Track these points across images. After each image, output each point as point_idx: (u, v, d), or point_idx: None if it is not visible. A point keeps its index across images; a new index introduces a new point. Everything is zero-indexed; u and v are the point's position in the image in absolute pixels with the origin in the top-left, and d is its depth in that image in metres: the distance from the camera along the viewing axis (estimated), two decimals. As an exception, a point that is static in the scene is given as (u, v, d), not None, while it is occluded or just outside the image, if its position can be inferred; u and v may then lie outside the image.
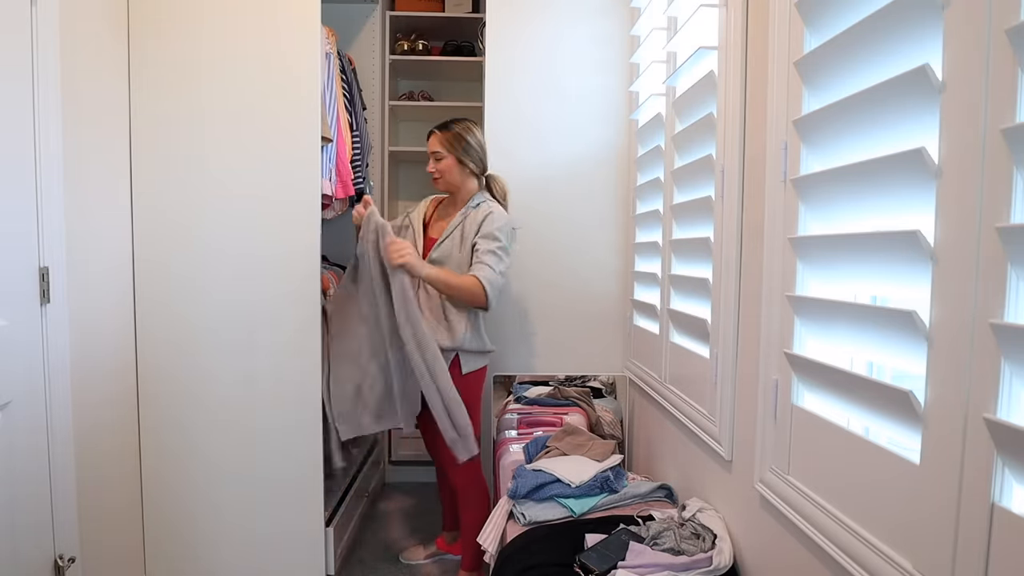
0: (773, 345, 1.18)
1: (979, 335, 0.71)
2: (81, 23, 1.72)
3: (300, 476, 2.06)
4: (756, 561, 1.28)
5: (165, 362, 2.02)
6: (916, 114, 0.82)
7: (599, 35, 2.26)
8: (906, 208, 0.86)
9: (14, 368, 1.43)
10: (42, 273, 1.52)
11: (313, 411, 2.05)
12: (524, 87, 2.27)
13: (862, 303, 0.98)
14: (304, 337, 2.04)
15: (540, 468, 1.76)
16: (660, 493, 1.73)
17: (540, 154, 2.29)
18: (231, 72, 1.97)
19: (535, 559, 1.44)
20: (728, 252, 1.39)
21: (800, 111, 1.10)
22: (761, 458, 1.22)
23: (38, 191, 1.50)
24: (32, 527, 1.49)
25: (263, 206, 2.01)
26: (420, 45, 3.18)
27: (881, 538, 0.88)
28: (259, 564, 2.09)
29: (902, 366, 0.89)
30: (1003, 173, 0.68)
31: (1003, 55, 0.68)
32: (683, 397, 1.69)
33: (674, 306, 1.75)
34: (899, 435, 0.86)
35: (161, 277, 2.01)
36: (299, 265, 2.01)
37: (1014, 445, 0.66)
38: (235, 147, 1.99)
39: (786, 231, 1.14)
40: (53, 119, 1.54)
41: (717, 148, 1.46)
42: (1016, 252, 0.66)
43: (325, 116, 2.13)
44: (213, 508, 2.07)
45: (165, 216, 2.00)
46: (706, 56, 1.52)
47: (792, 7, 1.11)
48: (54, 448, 1.55)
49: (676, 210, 1.71)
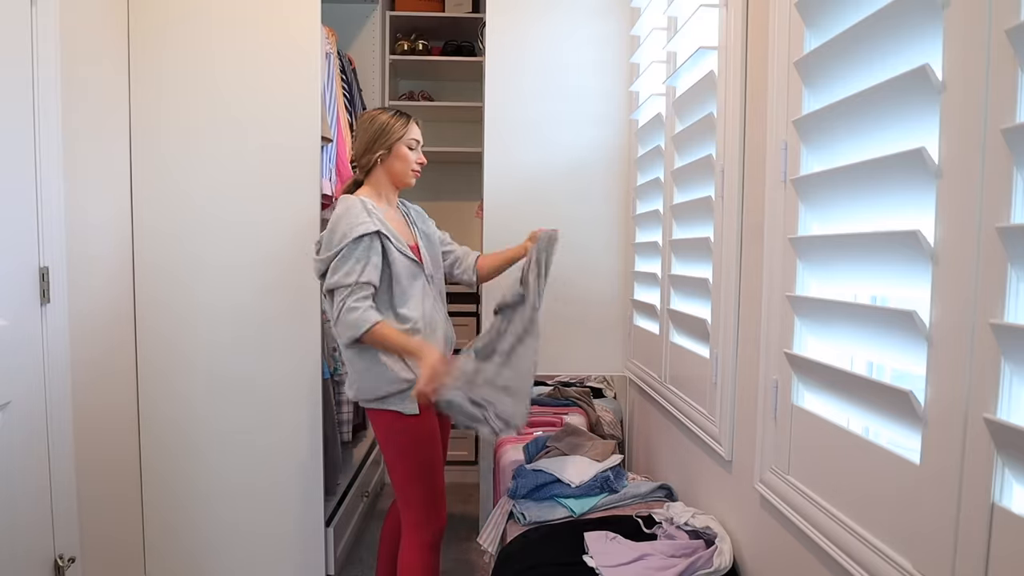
0: (773, 345, 1.18)
1: (979, 335, 0.71)
2: (81, 23, 1.72)
3: (300, 476, 2.06)
4: (756, 561, 1.28)
5: (165, 361, 2.03)
6: (916, 114, 0.82)
7: (599, 35, 2.26)
8: (906, 208, 0.86)
9: (14, 368, 1.43)
10: (42, 273, 1.52)
11: (313, 411, 2.05)
12: (524, 87, 2.27)
13: (862, 303, 0.98)
14: (304, 337, 2.04)
15: (540, 468, 1.76)
16: (660, 493, 1.73)
17: (540, 154, 2.29)
18: (231, 72, 1.97)
19: (535, 559, 1.44)
20: (728, 252, 1.39)
21: (800, 111, 1.10)
22: (761, 458, 1.22)
23: (38, 191, 1.50)
24: (32, 527, 1.49)
25: (263, 206, 2.01)
26: (420, 45, 3.18)
27: (881, 538, 0.88)
28: (259, 564, 2.09)
29: (902, 366, 0.89)
30: (1003, 173, 0.68)
31: (1003, 55, 0.68)
32: (683, 397, 1.69)
33: (674, 306, 1.75)
34: (899, 435, 0.86)
35: (161, 277, 2.01)
36: (299, 264, 2.01)
37: (1014, 445, 0.66)
38: (235, 147, 1.99)
39: (786, 231, 1.14)
40: (53, 119, 1.55)
41: (717, 148, 1.45)
42: (1016, 252, 0.66)
43: (325, 116, 2.13)
44: (213, 508, 2.07)
45: (165, 216, 2.00)
46: (706, 56, 1.52)
47: (792, 7, 1.11)
48: (54, 448, 1.55)
49: (676, 210, 1.71)
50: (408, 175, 1.75)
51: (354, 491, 2.48)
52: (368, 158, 1.72)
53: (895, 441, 0.89)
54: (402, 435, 1.65)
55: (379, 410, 1.65)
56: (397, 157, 1.71)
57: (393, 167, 1.72)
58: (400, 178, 1.75)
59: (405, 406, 1.62)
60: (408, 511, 1.68)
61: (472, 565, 2.44)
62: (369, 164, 1.73)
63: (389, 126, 1.70)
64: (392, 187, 1.76)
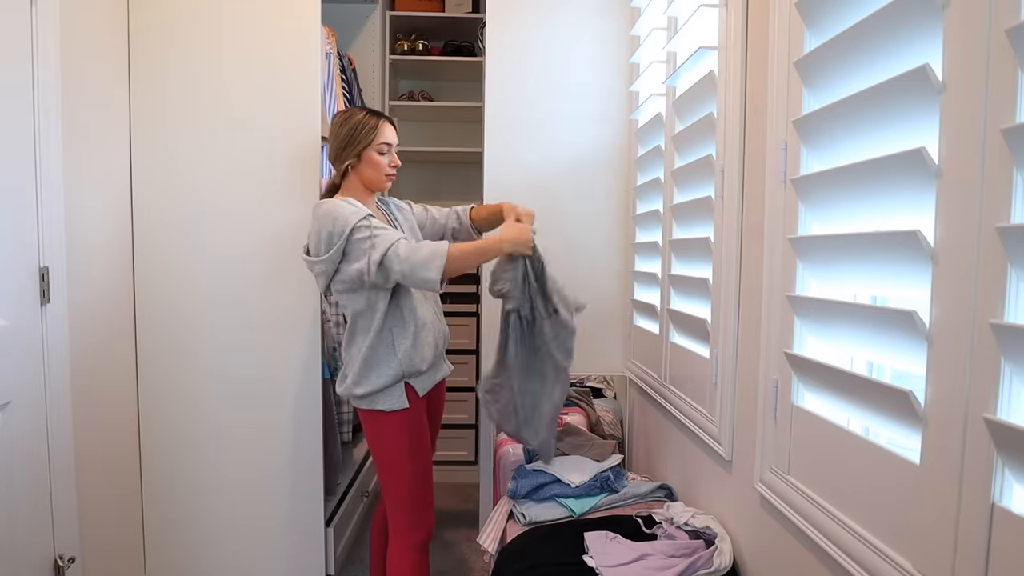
0: (773, 345, 1.18)
1: (979, 335, 0.71)
2: (81, 23, 1.72)
3: (300, 476, 2.06)
4: (756, 561, 1.28)
5: (165, 362, 2.03)
6: (916, 114, 0.82)
7: (599, 35, 2.26)
8: (906, 208, 0.86)
9: (14, 368, 1.43)
10: (42, 273, 1.52)
11: (313, 411, 2.05)
12: (524, 87, 2.27)
13: (862, 303, 0.98)
14: (304, 337, 2.04)
15: (540, 468, 1.76)
16: (660, 493, 1.73)
17: (540, 154, 2.29)
18: (231, 72, 1.97)
19: (535, 559, 1.44)
20: (728, 252, 1.39)
21: (800, 111, 1.10)
22: (761, 458, 1.22)
23: (38, 191, 1.50)
24: (32, 527, 1.49)
25: (263, 206, 2.01)
26: (420, 45, 3.18)
27: (881, 538, 0.88)
28: (259, 564, 2.09)
29: (902, 366, 0.89)
30: (1003, 173, 0.68)
31: (1003, 55, 0.68)
32: (683, 397, 1.69)
33: (674, 306, 1.75)
34: (899, 435, 0.86)
35: (161, 277, 2.01)
36: (300, 264, 2.01)
37: (1014, 445, 0.66)
38: (235, 147, 1.99)
39: (786, 231, 1.14)
40: (53, 119, 1.55)
41: (717, 148, 1.46)
42: (1016, 252, 0.66)
43: (325, 116, 2.13)
44: (213, 508, 2.07)
45: (165, 216, 2.00)
46: (706, 56, 1.52)
47: (792, 7, 1.11)
48: (54, 448, 1.55)
49: (676, 210, 1.71)
50: (382, 180, 1.70)
51: (354, 491, 2.48)
52: (339, 164, 1.70)
53: (895, 441, 0.90)
54: (392, 434, 1.64)
55: (369, 410, 1.64)
56: (368, 164, 1.68)
57: (365, 174, 1.69)
58: (374, 184, 1.70)
59: (394, 402, 1.62)
60: (397, 513, 1.66)
61: (472, 565, 2.44)
62: (341, 170, 1.70)
63: (358, 130, 1.66)
64: (367, 192, 1.72)
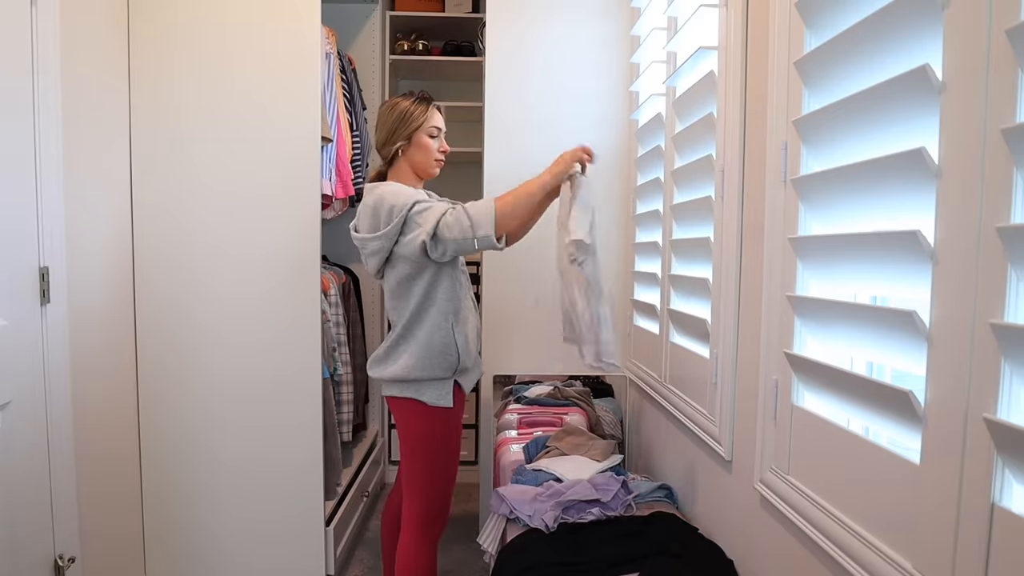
0: (773, 345, 1.18)
1: (979, 335, 0.71)
2: (81, 23, 1.72)
3: (300, 476, 2.06)
4: (756, 561, 1.28)
5: (165, 362, 2.03)
6: (916, 114, 0.82)
7: (599, 35, 2.26)
8: (906, 208, 0.86)
9: (14, 368, 1.43)
10: (42, 273, 1.52)
11: (313, 411, 2.05)
12: (524, 87, 2.27)
13: (862, 303, 0.98)
14: (304, 336, 2.04)
15: (540, 468, 1.76)
16: (660, 493, 1.73)
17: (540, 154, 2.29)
18: (231, 72, 1.97)
19: (535, 559, 1.44)
20: (728, 252, 1.39)
21: (800, 111, 1.10)
22: (761, 458, 1.22)
23: (38, 191, 1.50)
24: (32, 527, 1.49)
25: (263, 206, 2.01)
26: (420, 45, 3.18)
27: (881, 538, 0.88)
28: (259, 564, 2.09)
29: (902, 366, 0.89)
30: (1003, 173, 0.68)
31: (1003, 55, 0.68)
32: (683, 397, 1.69)
33: (674, 306, 1.75)
34: (899, 435, 0.86)
35: (161, 277, 2.01)
36: (299, 265, 2.01)
37: (1014, 445, 0.66)
38: (235, 147, 1.99)
39: (786, 231, 1.14)
40: (53, 119, 1.55)
41: (717, 148, 1.45)
42: (1016, 252, 0.66)
43: (325, 116, 2.13)
44: (213, 508, 2.07)
45: (165, 216, 2.00)
46: (706, 56, 1.52)
47: (792, 7, 1.11)
48: (54, 448, 1.55)
49: (676, 210, 1.71)
50: (431, 165, 1.69)
51: (354, 491, 2.48)
52: (389, 148, 1.67)
53: (895, 441, 0.90)
54: (431, 428, 1.62)
55: (408, 399, 1.61)
56: (418, 147, 1.66)
57: (415, 158, 1.67)
58: (423, 168, 1.69)
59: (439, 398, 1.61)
60: (417, 505, 1.65)
61: (472, 565, 2.44)
62: (390, 155, 1.68)
63: (408, 114, 1.64)
64: (416, 178, 1.70)
